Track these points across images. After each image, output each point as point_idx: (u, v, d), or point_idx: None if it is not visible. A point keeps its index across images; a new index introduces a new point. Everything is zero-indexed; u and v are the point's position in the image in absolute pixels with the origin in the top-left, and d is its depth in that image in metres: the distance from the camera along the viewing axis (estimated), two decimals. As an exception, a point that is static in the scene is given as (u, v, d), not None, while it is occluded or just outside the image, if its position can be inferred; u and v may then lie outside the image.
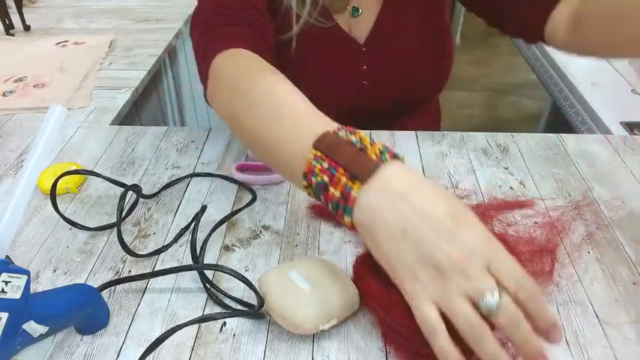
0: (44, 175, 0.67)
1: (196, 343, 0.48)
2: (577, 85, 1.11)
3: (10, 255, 0.44)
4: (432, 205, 0.41)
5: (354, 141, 0.44)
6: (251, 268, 0.56)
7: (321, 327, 0.47)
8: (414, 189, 0.42)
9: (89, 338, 0.49)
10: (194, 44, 0.66)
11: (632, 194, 0.67)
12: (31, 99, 0.92)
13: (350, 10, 0.80)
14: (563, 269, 0.56)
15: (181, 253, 0.58)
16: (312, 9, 0.75)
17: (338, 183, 0.43)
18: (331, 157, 0.43)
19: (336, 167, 0.43)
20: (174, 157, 0.74)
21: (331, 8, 0.79)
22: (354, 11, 0.80)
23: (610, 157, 0.74)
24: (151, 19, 1.31)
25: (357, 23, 0.81)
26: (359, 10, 0.80)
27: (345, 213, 0.43)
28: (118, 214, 0.57)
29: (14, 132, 0.82)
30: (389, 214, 0.41)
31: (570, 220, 0.62)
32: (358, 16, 0.81)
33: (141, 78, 1.01)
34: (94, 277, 0.55)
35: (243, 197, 0.66)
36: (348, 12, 0.80)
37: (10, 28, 1.22)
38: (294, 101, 0.50)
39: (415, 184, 0.42)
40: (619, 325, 0.50)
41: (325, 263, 0.52)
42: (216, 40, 0.61)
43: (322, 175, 0.43)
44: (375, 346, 0.48)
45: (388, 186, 0.42)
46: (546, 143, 0.77)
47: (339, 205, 0.43)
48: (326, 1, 0.78)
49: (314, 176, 0.44)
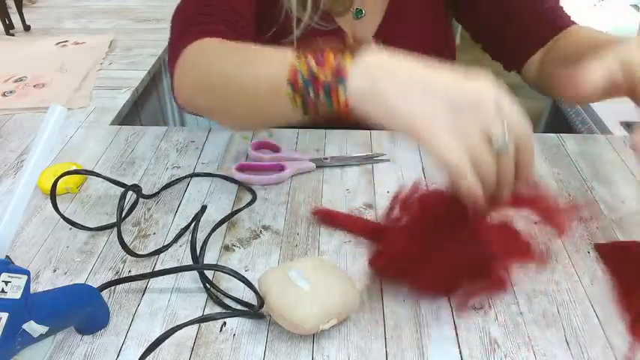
0: (44, 175, 0.67)
1: (196, 343, 0.48)
2: (577, 85, 1.11)
3: (10, 255, 0.44)
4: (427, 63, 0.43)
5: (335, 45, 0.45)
6: (251, 268, 0.56)
7: (321, 327, 0.47)
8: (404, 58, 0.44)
9: (89, 338, 0.49)
10: (171, 38, 0.66)
11: (632, 194, 0.67)
12: (31, 99, 0.92)
13: (353, 12, 0.80)
14: (564, 269, 0.56)
15: (181, 253, 0.58)
16: (313, 12, 0.74)
17: (326, 63, 0.43)
18: (314, 52, 0.44)
19: (322, 52, 0.44)
20: (174, 157, 0.74)
21: (333, 11, 0.78)
22: (357, 13, 0.80)
23: (610, 157, 0.74)
24: (151, 19, 1.32)
25: (361, 25, 0.80)
26: (362, 12, 0.80)
27: (340, 90, 0.43)
28: (118, 214, 0.57)
29: (14, 132, 0.82)
30: (391, 66, 0.42)
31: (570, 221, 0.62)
32: (362, 18, 0.80)
33: (141, 78, 1.01)
34: (94, 277, 0.55)
35: (243, 197, 0.66)
36: (350, 14, 0.80)
37: (10, 28, 1.22)
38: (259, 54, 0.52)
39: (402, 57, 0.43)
40: (619, 325, 0.50)
41: (325, 263, 0.52)
42: (192, 34, 0.61)
43: (308, 63, 0.44)
44: (375, 346, 0.48)
45: (379, 53, 0.43)
46: (546, 143, 0.77)
47: (332, 86, 0.43)
48: (327, 4, 0.77)
49: (299, 74, 0.44)
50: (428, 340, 0.49)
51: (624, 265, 0.55)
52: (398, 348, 0.48)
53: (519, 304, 0.52)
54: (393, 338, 0.49)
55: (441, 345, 0.48)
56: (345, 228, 0.61)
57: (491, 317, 0.51)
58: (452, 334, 0.49)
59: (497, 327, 0.50)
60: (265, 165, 0.70)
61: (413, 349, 0.48)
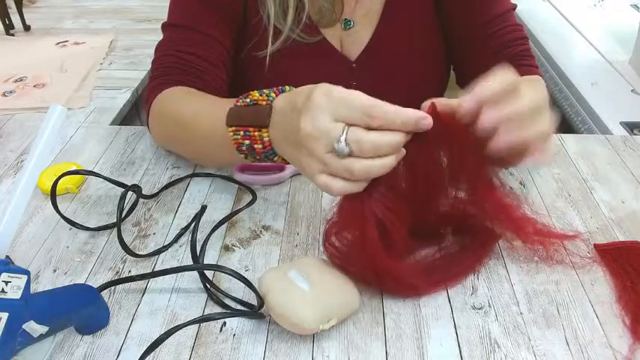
0: (44, 175, 0.67)
1: (196, 343, 0.48)
2: (577, 85, 1.11)
3: (10, 255, 0.44)
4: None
5: (249, 102, 0.54)
6: (251, 268, 0.56)
7: (321, 327, 0.47)
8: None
9: (89, 338, 0.49)
10: (148, 84, 0.74)
11: (632, 194, 0.67)
12: (31, 99, 0.92)
13: (342, 23, 0.76)
14: (564, 269, 0.56)
15: (181, 253, 0.58)
16: (295, 24, 0.72)
17: (255, 139, 0.53)
18: (240, 124, 0.53)
19: (247, 129, 0.53)
20: (174, 157, 0.74)
21: (320, 23, 0.75)
22: (345, 24, 0.76)
23: (610, 157, 0.74)
24: (151, 19, 1.31)
25: (350, 37, 0.77)
26: (351, 23, 0.76)
27: (272, 156, 0.53)
28: (118, 214, 0.57)
29: (14, 132, 0.82)
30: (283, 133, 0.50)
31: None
32: (351, 29, 0.76)
33: (141, 78, 1.01)
34: (94, 277, 0.55)
35: (243, 197, 0.66)
36: (339, 25, 0.76)
37: (10, 28, 1.22)
38: (207, 112, 0.61)
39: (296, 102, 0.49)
40: (619, 325, 0.50)
41: (325, 263, 0.52)
42: (159, 86, 0.70)
43: (244, 141, 0.53)
44: (375, 346, 0.48)
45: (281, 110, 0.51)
46: (546, 143, 0.77)
47: (266, 153, 0.53)
48: (314, 15, 0.74)
49: (242, 146, 0.54)
50: (428, 340, 0.49)
51: (624, 265, 0.55)
52: (398, 348, 0.48)
53: (519, 304, 0.52)
54: (393, 338, 0.49)
55: (441, 345, 0.48)
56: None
57: (491, 317, 0.51)
58: (452, 334, 0.49)
59: (497, 327, 0.50)
60: (265, 165, 0.70)
61: (413, 349, 0.48)
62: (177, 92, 0.69)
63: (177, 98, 0.68)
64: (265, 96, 0.53)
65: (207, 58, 0.72)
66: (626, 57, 1.20)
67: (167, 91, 0.69)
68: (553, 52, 1.26)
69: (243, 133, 0.53)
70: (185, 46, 0.72)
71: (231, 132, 0.54)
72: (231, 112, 0.55)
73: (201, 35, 0.72)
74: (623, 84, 1.11)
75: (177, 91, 0.69)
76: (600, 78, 1.13)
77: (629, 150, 0.76)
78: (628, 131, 0.92)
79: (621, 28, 1.35)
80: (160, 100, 0.69)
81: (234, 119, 0.54)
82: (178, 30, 0.74)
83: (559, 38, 1.34)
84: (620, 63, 1.19)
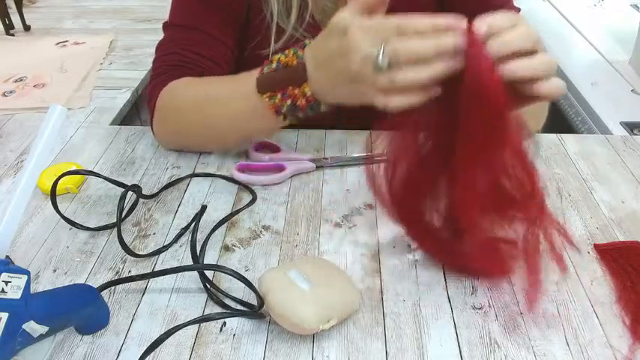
0: (44, 175, 0.67)
1: (196, 343, 0.48)
2: (577, 85, 1.11)
3: (10, 255, 0.44)
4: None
5: (276, 66, 0.57)
6: (251, 268, 0.56)
7: (321, 327, 0.47)
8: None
9: (89, 338, 0.49)
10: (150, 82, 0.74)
11: (632, 194, 0.67)
12: (31, 99, 0.92)
13: None
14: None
15: (181, 253, 0.58)
16: (298, 24, 0.71)
17: (297, 96, 0.56)
18: (276, 89, 0.57)
19: (284, 90, 0.56)
20: (174, 157, 0.74)
21: (323, 23, 0.74)
22: None
23: (610, 157, 0.74)
24: (151, 19, 1.31)
25: None
26: None
27: (318, 107, 0.57)
28: (118, 214, 0.57)
29: (14, 132, 0.82)
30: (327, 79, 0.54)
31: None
32: None
33: (141, 78, 1.01)
34: (94, 277, 0.55)
35: (243, 197, 0.66)
36: None
37: (10, 28, 1.22)
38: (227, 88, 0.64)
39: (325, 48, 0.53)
40: (619, 325, 0.50)
41: (325, 263, 0.52)
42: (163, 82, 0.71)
43: (284, 102, 0.57)
44: (375, 346, 0.48)
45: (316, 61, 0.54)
46: (546, 143, 0.77)
47: (311, 105, 0.56)
48: (317, 15, 0.73)
49: (282, 108, 0.57)
50: (428, 340, 0.49)
51: (624, 265, 0.56)
52: (398, 348, 0.48)
53: (519, 304, 0.52)
54: (393, 338, 0.49)
55: (441, 345, 0.48)
56: None
57: (491, 317, 0.51)
58: (452, 334, 0.49)
59: (497, 327, 0.50)
60: (265, 165, 0.70)
61: (413, 349, 0.48)
62: (185, 80, 0.70)
63: (188, 84, 0.69)
64: (293, 55, 0.56)
65: (211, 57, 0.72)
66: (626, 57, 1.20)
67: (173, 83, 0.70)
68: (553, 52, 1.26)
69: (281, 95, 0.57)
70: (188, 45, 0.72)
71: (267, 98, 0.57)
72: (261, 79, 0.58)
73: (204, 35, 0.72)
74: (623, 84, 1.11)
75: (184, 80, 0.70)
76: (600, 78, 1.13)
77: (629, 150, 0.76)
78: (628, 131, 0.92)
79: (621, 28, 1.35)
80: (167, 92, 0.70)
81: (266, 85, 0.57)
82: (180, 30, 0.74)
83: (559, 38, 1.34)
84: (620, 63, 1.19)
